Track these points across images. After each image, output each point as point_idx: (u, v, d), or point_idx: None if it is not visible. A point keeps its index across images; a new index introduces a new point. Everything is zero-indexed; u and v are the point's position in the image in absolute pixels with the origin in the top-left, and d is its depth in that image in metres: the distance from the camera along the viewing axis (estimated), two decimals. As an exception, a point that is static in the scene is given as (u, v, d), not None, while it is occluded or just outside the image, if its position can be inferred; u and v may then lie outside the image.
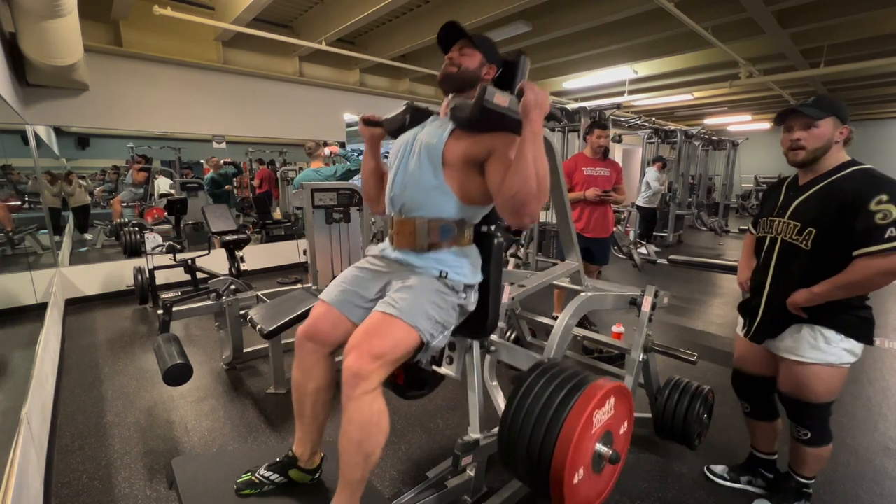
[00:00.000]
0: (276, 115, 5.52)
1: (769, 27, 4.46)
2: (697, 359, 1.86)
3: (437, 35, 1.34)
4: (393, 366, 1.17)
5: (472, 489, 1.55)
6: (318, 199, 2.91)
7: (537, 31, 4.67)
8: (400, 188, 1.31)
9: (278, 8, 4.49)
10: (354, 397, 1.10)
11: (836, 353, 1.41)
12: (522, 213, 1.14)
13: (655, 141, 7.57)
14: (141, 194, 5.70)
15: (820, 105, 1.36)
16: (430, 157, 1.26)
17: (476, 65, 1.30)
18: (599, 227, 3.15)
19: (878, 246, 1.25)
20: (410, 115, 1.42)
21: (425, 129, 1.34)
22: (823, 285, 1.35)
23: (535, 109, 1.11)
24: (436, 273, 1.26)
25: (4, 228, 3.11)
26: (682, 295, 4.57)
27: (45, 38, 2.67)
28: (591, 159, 3.15)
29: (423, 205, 1.27)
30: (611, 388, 1.20)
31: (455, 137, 1.25)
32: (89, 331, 3.57)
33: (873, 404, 2.44)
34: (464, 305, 1.32)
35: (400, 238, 1.31)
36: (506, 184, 1.13)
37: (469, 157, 1.23)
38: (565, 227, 1.90)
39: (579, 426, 1.11)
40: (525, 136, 1.11)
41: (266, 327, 2.17)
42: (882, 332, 3.50)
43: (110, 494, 1.76)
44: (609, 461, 1.20)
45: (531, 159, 1.09)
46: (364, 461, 1.13)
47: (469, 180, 1.26)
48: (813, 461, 1.56)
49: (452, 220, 1.28)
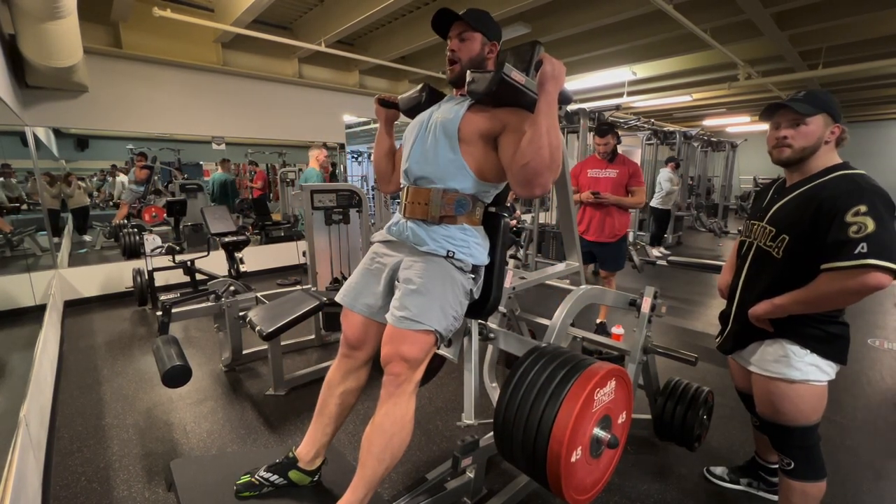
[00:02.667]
0: (275, 117, 5.52)
1: (767, 29, 4.47)
2: (697, 360, 1.86)
3: (432, 23, 1.33)
4: (424, 364, 1.23)
5: (472, 491, 1.55)
6: (317, 200, 2.91)
7: (537, 33, 4.68)
8: (416, 161, 1.31)
9: (278, 9, 4.50)
10: (396, 394, 1.18)
11: (801, 368, 1.28)
12: (534, 184, 1.13)
13: (654, 142, 7.58)
14: (141, 192, 5.71)
15: (810, 100, 1.24)
16: (446, 132, 1.26)
17: (478, 48, 1.30)
18: (601, 230, 3.08)
19: (846, 262, 1.11)
20: (427, 94, 1.43)
21: (441, 108, 1.34)
22: (785, 298, 1.25)
23: (551, 80, 1.10)
24: (443, 252, 1.23)
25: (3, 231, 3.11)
26: (682, 296, 4.58)
27: (44, 39, 2.67)
28: (599, 161, 3.14)
29: (439, 177, 1.26)
30: (613, 369, 1.20)
31: (471, 112, 1.25)
32: (88, 332, 3.56)
33: (873, 406, 2.44)
34: (473, 290, 1.31)
35: (413, 207, 1.29)
36: (519, 153, 1.13)
37: (485, 131, 1.24)
38: (568, 228, 1.90)
39: (581, 400, 1.09)
40: (540, 107, 1.11)
41: (265, 329, 2.17)
42: (882, 333, 3.50)
43: (109, 496, 1.76)
44: (607, 445, 1.19)
45: (545, 129, 1.09)
46: (391, 457, 1.17)
47: (484, 156, 1.26)
48: (798, 498, 1.36)
49: (467, 194, 1.27)
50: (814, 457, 1.35)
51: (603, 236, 3.09)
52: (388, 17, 4.82)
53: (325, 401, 1.38)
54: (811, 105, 1.24)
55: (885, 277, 1.10)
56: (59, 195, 5.11)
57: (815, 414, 1.31)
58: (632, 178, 3.06)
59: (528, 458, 1.16)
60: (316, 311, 2.33)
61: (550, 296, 3.26)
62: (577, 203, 3.13)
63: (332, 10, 4.42)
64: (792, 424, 1.32)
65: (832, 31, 4.90)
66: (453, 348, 1.63)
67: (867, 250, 1.08)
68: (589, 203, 3.07)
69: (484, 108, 1.25)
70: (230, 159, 6.42)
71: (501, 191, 1.37)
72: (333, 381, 1.38)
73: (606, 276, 3.25)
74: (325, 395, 1.38)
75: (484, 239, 1.32)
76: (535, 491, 1.72)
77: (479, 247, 1.29)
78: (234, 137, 5.40)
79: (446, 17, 1.30)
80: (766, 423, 1.40)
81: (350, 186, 3.09)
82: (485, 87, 1.17)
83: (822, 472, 1.35)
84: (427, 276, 1.22)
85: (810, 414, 1.31)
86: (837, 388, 2.64)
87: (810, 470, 1.34)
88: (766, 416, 1.38)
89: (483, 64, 1.31)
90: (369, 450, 1.17)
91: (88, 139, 5.29)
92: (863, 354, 3.12)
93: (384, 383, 1.20)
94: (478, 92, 1.20)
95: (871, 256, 1.08)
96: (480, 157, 1.26)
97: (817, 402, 1.31)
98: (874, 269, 1.09)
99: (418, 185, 1.30)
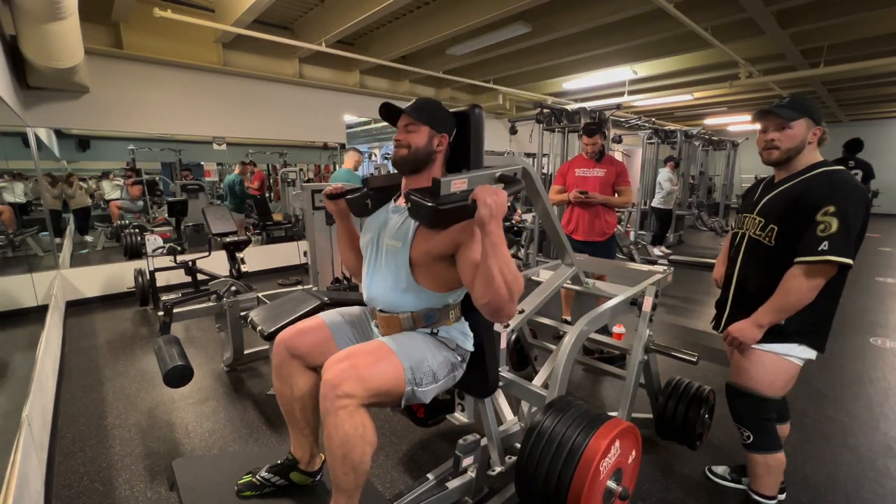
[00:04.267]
0: (276, 117, 5.52)
1: (769, 27, 4.46)
2: (698, 359, 1.86)
3: (380, 114, 1.31)
4: (372, 398, 1.09)
5: (473, 490, 1.54)
6: (318, 200, 2.91)
7: (537, 32, 4.67)
8: (376, 289, 1.31)
9: (278, 10, 4.50)
10: (333, 411, 1.05)
11: (784, 342, 1.42)
12: (499, 316, 1.11)
13: (655, 141, 7.56)
14: (140, 207, 5.76)
15: (794, 106, 1.37)
16: (396, 263, 1.25)
17: (425, 140, 1.23)
18: (590, 230, 3.08)
19: (809, 257, 1.28)
20: (371, 198, 1.37)
21: (388, 226, 1.30)
22: (766, 314, 1.38)
23: (491, 221, 1.02)
24: (427, 332, 1.28)
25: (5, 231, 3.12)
26: (682, 295, 4.57)
27: (45, 40, 2.68)
28: (587, 161, 3.14)
29: (403, 304, 1.27)
30: (622, 430, 1.24)
31: (420, 236, 1.21)
32: (90, 333, 3.57)
33: (874, 404, 2.44)
34: (455, 365, 1.30)
35: (386, 329, 1.30)
36: (476, 293, 1.10)
37: (438, 254, 1.20)
38: (554, 235, 1.91)
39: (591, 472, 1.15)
40: (486, 250, 1.04)
41: (266, 329, 2.16)
42: (884, 332, 3.49)
43: (111, 496, 1.76)
44: (619, 497, 1.24)
45: (497, 270, 1.04)
46: (353, 471, 1.09)
47: (443, 272, 1.23)
48: (762, 471, 1.53)
49: (435, 308, 1.27)
50: (768, 430, 1.51)
51: (592, 235, 3.09)
52: (389, 17, 4.82)
53: (287, 410, 1.34)
54: (794, 110, 1.37)
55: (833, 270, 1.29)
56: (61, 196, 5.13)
57: (783, 389, 1.47)
58: (619, 177, 3.06)
59: None
60: (317, 310, 2.33)
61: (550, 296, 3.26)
62: (564, 202, 3.14)
63: (332, 10, 4.42)
64: (755, 391, 1.47)
65: (834, 29, 4.88)
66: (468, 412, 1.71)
67: (828, 248, 1.25)
68: (577, 203, 3.07)
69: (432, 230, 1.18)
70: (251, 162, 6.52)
71: None
72: (282, 391, 1.33)
73: (599, 276, 3.24)
74: (283, 403, 1.34)
75: (466, 331, 1.35)
76: (537, 490, 1.72)
77: (463, 336, 1.32)
78: (235, 137, 5.40)
79: (392, 110, 1.27)
80: (731, 391, 1.55)
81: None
82: (424, 222, 1.13)
83: (778, 444, 1.53)
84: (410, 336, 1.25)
85: (779, 388, 1.46)
86: (839, 385, 2.64)
87: (766, 441, 1.51)
88: (736, 382, 1.53)
89: (432, 156, 1.26)
90: (331, 470, 1.11)
91: (90, 140, 5.31)
92: (865, 353, 3.11)
93: (321, 396, 1.07)
94: (421, 222, 1.16)
95: (829, 253, 1.25)
96: (439, 275, 1.24)
97: (789, 378, 1.46)
98: (831, 264, 1.27)
99: (385, 313, 1.30)
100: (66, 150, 5.12)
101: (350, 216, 1.47)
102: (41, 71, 3.12)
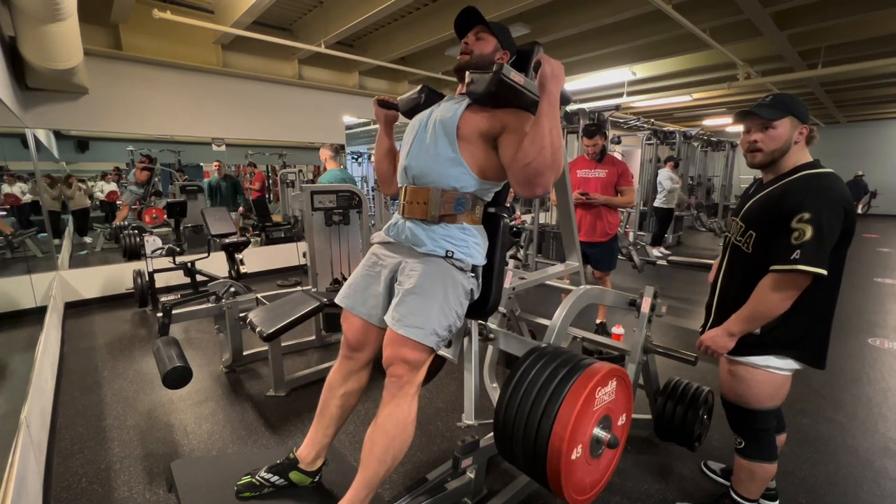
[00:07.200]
0: (275, 118, 5.52)
1: (767, 29, 4.48)
2: (697, 360, 1.86)
3: (455, 20, 1.35)
4: (426, 366, 1.24)
5: (472, 491, 1.55)
6: (317, 201, 2.91)
7: (536, 33, 4.68)
8: (415, 158, 1.30)
9: (277, 11, 4.50)
10: (398, 396, 1.19)
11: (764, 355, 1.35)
12: (536, 184, 1.13)
13: (654, 142, 7.58)
14: (141, 194, 5.72)
15: (776, 105, 1.29)
16: (445, 130, 1.25)
17: (490, 50, 1.31)
18: (592, 230, 3.10)
19: (781, 266, 1.21)
20: (426, 95, 1.43)
21: (441, 107, 1.34)
22: (736, 322, 1.32)
23: (552, 81, 1.10)
24: (441, 253, 1.23)
25: (4, 232, 3.12)
26: (682, 296, 4.58)
27: (44, 41, 2.67)
28: (588, 162, 3.15)
29: (438, 175, 1.26)
30: (614, 369, 1.21)
31: (470, 112, 1.25)
32: (89, 334, 3.56)
33: (873, 405, 2.44)
34: (473, 290, 1.31)
35: (412, 207, 1.29)
36: (521, 153, 1.13)
37: (484, 131, 1.23)
38: (568, 228, 1.90)
39: (582, 398, 1.10)
40: (542, 108, 1.11)
41: (265, 330, 2.17)
42: (882, 333, 3.50)
43: (110, 498, 1.76)
44: (607, 445, 1.19)
45: (547, 129, 1.09)
46: (391, 460, 1.18)
47: (484, 154, 1.26)
48: (745, 475, 1.48)
49: (467, 192, 1.27)
50: (764, 440, 1.45)
51: (595, 236, 3.11)
52: (388, 18, 4.83)
53: (326, 402, 1.38)
54: (777, 109, 1.29)
55: (806, 280, 1.21)
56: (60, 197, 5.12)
57: (771, 400, 1.39)
58: (621, 178, 3.08)
59: (529, 456, 1.16)
60: (316, 311, 2.34)
61: (550, 296, 3.27)
62: None
63: (331, 11, 4.42)
64: (748, 406, 1.41)
65: (831, 30, 4.90)
66: (453, 349, 1.63)
67: (800, 257, 1.18)
68: (579, 203, 3.08)
69: (483, 109, 1.24)
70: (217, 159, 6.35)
71: (501, 190, 1.37)
72: (334, 382, 1.38)
73: (600, 276, 3.26)
74: (326, 397, 1.38)
75: (483, 239, 1.32)
76: (536, 491, 1.72)
77: (477, 247, 1.29)
78: (235, 139, 5.40)
79: (470, 16, 1.32)
80: (725, 403, 1.50)
81: (350, 187, 3.09)
82: (483, 88, 1.17)
83: (770, 455, 1.46)
84: (426, 278, 1.21)
85: (766, 400, 1.39)
86: (838, 386, 2.64)
87: (758, 451, 1.45)
88: (727, 396, 1.47)
89: (490, 66, 1.30)
90: (371, 451, 1.18)
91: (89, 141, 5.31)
92: (863, 354, 3.12)
93: (386, 385, 1.21)
94: (477, 92, 1.20)
95: (801, 262, 1.18)
96: (480, 156, 1.26)
97: (775, 390, 1.38)
98: (804, 274, 1.19)
99: (417, 184, 1.29)
100: (66, 151, 5.12)
101: (393, 125, 1.53)
102: (40, 72, 3.12)
